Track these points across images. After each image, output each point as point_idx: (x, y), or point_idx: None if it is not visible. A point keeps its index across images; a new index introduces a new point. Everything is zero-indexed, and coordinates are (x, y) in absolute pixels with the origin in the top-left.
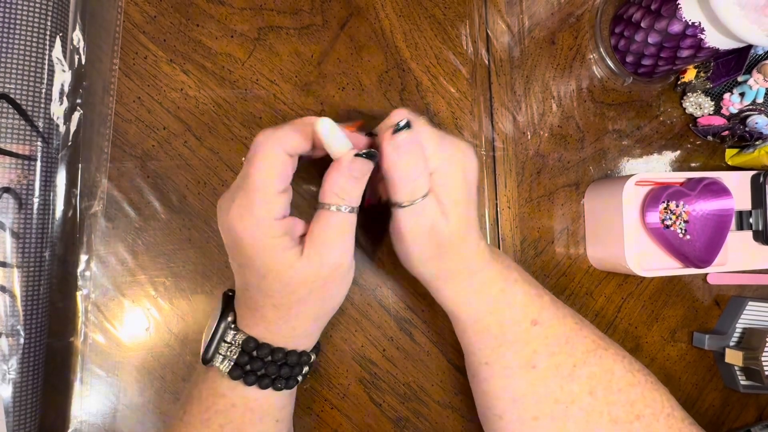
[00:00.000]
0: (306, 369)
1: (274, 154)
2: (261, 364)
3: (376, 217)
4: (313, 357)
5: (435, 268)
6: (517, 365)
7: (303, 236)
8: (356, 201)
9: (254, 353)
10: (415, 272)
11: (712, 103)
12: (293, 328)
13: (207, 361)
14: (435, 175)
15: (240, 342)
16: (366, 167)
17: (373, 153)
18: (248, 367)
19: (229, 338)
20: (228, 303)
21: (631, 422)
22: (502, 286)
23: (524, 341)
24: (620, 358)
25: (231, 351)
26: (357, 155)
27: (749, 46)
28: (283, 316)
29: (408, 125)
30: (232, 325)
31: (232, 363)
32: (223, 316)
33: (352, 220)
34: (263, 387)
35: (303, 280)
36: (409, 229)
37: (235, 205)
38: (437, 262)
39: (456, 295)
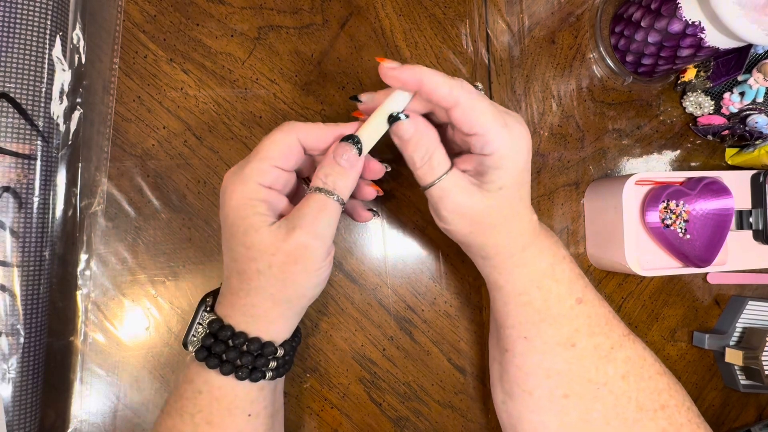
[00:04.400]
0: (273, 364)
1: (288, 136)
2: (223, 348)
3: (378, 214)
4: (280, 351)
5: (480, 242)
6: (556, 342)
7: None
8: (342, 191)
9: (218, 335)
10: (461, 245)
11: (712, 102)
12: (252, 305)
13: (184, 345)
14: (493, 158)
15: (206, 323)
16: (352, 157)
17: (356, 139)
18: (213, 350)
19: (202, 320)
20: (215, 290)
21: (655, 411)
22: (551, 260)
23: (568, 318)
24: (647, 347)
25: (200, 333)
26: (342, 140)
27: (749, 46)
28: (245, 287)
29: (398, 117)
30: (208, 308)
31: (199, 344)
32: (203, 300)
33: (335, 208)
34: (225, 373)
35: (264, 248)
36: (436, 207)
37: (234, 167)
38: (481, 238)
39: (503, 266)
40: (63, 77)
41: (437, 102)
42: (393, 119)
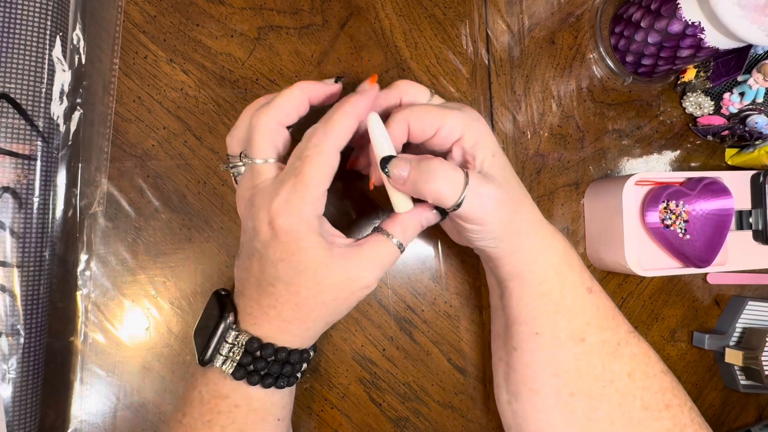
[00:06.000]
0: (305, 366)
1: (332, 154)
2: (264, 364)
3: (373, 215)
4: (312, 354)
5: (516, 223)
6: (567, 336)
7: (336, 238)
8: (408, 241)
9: (257, 353)
10: (492, 252)
11: (712, 102)
12: (307, 329)
13: (206, 362)
14: (467, 136)
15: (243, 343)
16: (434, 221)
17: (444, 212)
18: (251, 368)
19: (230, 339)
20: (225, 302)
21: (660, 410)
22: (564, 244)
23: (580, 309)
24: (650, 345)
25: (233, 352)
26: (435, 209)
27: (749, 46)
28: (302, 317)
29: (387, 160)
30: (233, 326)
31: (235, 364)
32: (222, 317)
33: (398, 255)
34: (266, 386)
35: (334, 285)
36: (475, 215)
37: (280, 199)
38: (510, 226)
39: (527, 253)
40: (63, 78)
41: (397, 130)
42: (383, 168)
